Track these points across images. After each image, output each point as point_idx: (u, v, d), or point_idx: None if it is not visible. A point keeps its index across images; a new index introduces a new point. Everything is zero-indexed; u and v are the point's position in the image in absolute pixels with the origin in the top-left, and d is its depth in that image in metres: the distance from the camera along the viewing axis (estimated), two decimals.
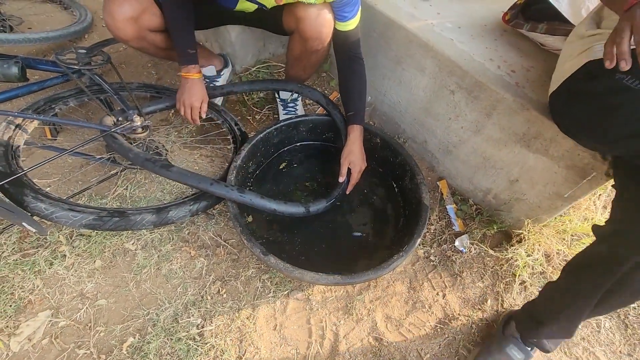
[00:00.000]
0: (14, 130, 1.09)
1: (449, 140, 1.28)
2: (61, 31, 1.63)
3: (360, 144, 1.17)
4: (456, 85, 1.14)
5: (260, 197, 1.01)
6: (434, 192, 1.36)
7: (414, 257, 1.19)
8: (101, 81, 1.21)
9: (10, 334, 0.91)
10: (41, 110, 1.18)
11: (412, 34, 1.19)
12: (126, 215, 0.96)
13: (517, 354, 0.93)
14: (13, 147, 1.05)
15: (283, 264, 0.89)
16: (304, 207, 1.06)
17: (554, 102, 0.89)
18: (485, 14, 1.31)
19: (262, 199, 1.01)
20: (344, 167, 1.15)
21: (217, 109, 1.38)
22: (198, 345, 0.94)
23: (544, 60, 1.12)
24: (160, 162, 1.01)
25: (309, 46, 1.11)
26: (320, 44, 1.11)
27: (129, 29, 1.07)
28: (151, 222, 0.98)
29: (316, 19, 1.04)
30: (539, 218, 1.13)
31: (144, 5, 1.07)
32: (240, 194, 0.99)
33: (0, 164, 0.97)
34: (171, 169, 1.00)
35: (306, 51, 1.14)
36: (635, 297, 0.74)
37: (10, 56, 1.21)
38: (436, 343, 1.02)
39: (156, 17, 1.12)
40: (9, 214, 0.83)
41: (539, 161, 1.04)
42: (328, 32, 1.08)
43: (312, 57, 1.17)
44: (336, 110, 1.26)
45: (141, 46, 1.16)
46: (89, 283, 1.01)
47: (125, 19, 1.05)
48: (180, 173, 1.00)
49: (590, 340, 1.07)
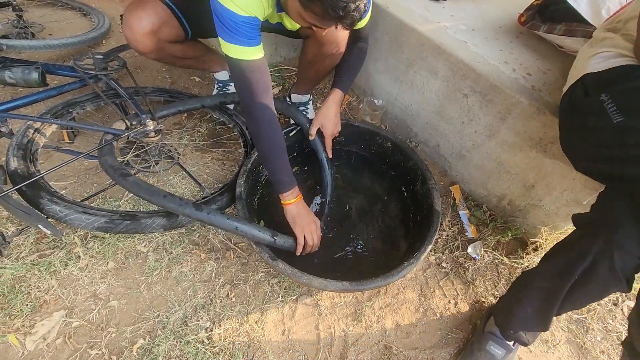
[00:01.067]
0: (32, 134, 1.13)
1: (462, 145, 1.25)
2: (80, 37, 1.68)
3: (336, 109, 1.17)
4: (470, 89, 1.11)
5: (221, 214, 0.92)
6: (446, 197, 1.33)
7: (425, 264, 1.16)
8: (116, 86, 1.23)
9: (26, 332, 0.93)
10: (59, 114, 1.22)
11: (424, 37, 1.18)
12: (137, 218, 0.97)
13: (498, 350, 0.91)
14: (32, 151, 1.08)
15: (291, 270, 0.89)
16: (271, 235, 0.94)
17: (560, 104, 0.87)
18: (501, 16, 1.29)
19: (221, 216, 0.91)
20: (314, 128, 1.15)
21: (229, 113, 1.39)
22: (206, 349, 0.94)
23: (562, 63, 1.09)
24: (120, 170, 0.98)
25: (325, 50, 1.11)
26: (336, 47, 1.11)
27: (148, 42, 1.09)
28: (161, 226, 0.99)
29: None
30: (556, 225, 1.10)
31: (162, 18, 1.09)
32: (195, 210, 0.90)
33: (19, 167, 1.00)
34: (127, 178, 0.96)
35: (321, 55, 1.14)
36: (603, 291, 0.74)
37: (31, 62, 1.25)
38: (447, 352, 1.00)
39: (174, 29, 1.14)
40: (26, 216, 0.86)
41: (556, 167, 1.00)
42: (344, 36, 1.09)
43: (326, 60, 1.16)
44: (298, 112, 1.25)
45: (160, 57, 1.19)
46: (101, 284, 1.03)
47: (145, 33, 1.07)
48: (135, 183, 0.95)
49: (611, 354, 1.03)
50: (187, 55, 1.25)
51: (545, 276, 0.81)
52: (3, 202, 0.85)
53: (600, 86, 0.72)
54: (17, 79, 1.21)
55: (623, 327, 1.08)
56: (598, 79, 0.74)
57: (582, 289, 0.74)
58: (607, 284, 0.70)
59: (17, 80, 1.21)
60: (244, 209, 1.00)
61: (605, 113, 0.67)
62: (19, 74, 1.20)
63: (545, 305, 0.81)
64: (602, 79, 0.73)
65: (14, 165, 1.00)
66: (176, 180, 1.27)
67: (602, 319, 1.09)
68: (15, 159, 1.01)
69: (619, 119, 0.65)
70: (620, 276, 0.67)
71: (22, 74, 1.21)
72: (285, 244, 0.98)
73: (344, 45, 1.13)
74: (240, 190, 1.04)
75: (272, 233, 0.95)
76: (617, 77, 0.71)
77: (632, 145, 0.64)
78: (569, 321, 1.08)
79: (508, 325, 0.91)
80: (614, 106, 0.67)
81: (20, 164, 1.01)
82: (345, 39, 1.11)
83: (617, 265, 0.66)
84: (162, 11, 1.10)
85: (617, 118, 0.66)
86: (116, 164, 1.01)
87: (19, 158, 1.03)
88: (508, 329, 0.91)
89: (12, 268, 1.01)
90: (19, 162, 1.01)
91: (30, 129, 1.13)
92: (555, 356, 1.01)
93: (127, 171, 0.99)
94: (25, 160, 1.03)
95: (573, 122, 0.79)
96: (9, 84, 1.17)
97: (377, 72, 1.47)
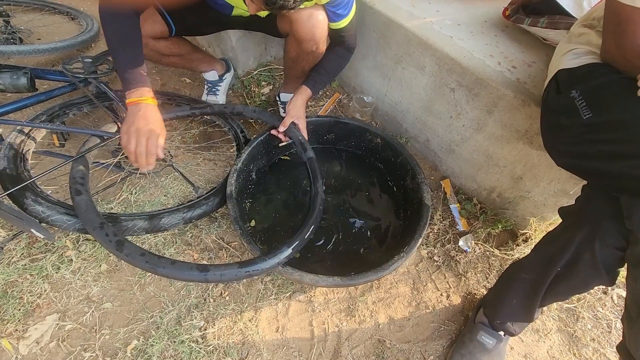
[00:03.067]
0: (23, 138, 1.12)
1: (451, 139, 1.26)
2: (68, 41, 1.67)
3: (304, 105, 1.19)
4: (456, 83, 1.12)
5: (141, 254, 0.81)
6: (437, 191, 1.34)
7: (417, 258, 1.17)
8: (106, 89, 1.23)
9: (19, 337, 0.93)
10: (49, 118, 1.21)
11: (411, 33, 1.18)
12: (119, 221, 0.97)
13: (488, 340, 0.92)
14: (22, 155, 1.08)
15: (283, 267, 0.89)
16: (199, 271, 0.80)
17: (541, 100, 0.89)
18: (486, 10, 1.30)
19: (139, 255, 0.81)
20: (288, 120, 1.16)
21: (224, 117, 1.39)
22: (201, 348, 0.94)
23: (546, 55, 1.10)
24: (76, 186, 0.94)
25: (304, 48, 1.12)
26: (315, 44, 1.11)
27: None
28: (143, 229, 0.99)
29: (308, 21, 1.04)
30: (545, 216, 1.11)
31: (146, 14, 1.09)
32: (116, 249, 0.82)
33: (10, 171, 1.00)
34: (77, 197, 0.92)
35: (302, 52, 1.15)
36: (586, 284, 0.74)
37: (19, 67, 1.24)
38: (440, 344, 1.01)
39: (158, 25, 1.14)
40: (18, 221, 0.86)
41: (542, 158, 1.01)
42: (321, 33, 1.08)
43: (308, 58, 1.17)
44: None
45: (145, 55, 1.18)
46: (94, 287, 1.03)
47: None
48: (79, 204, 0.89)
49: (601, 342, 1.04)
50: (172, 53, 1.25)
51: (529, 268, 0.82)
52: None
53: (571, 83, 0.73)
54: (5, 84, 1.20)
55: (613, 314, 1.10)
56: (570, 76, 0.75)
57: (564, 281, 0.75)
58: (589, 276, 0.71)
59: (5, 85, 1.20)
60: (235, 208, 1.00)
61: (576, 110, 0.68)
62: (7, 80, 1.20)
63: (529, 296, 0.82)
64: (573, 75, 0.75)
65: (4, 170, 1.00)
66: (168, 182, 1.27)
67: (592, 307, 1.11)
68: (5, 164, 1.01)
69: (588, 115, 0.66)
70: (602, 269, 0.68)
71: (10, 80, 1.20)
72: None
73: (323, 43, 1.13)
74: (230, 190, 1.05)
75: (204, 271, 0.81)
76: (588, 74, 0.72)
77: (601, 141, 0.65)
78: (559, 310, 1.09)
79: (495, 316, 0.92)
80: (583, 102, 0.68)
81: (11, 169, 1.01)
82: (323, 38, 1.11)
83: (598, 258, 0.67)
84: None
85: (586, 114, 0.67)
86: (78, 176, 0.98)
87: (10, 163, 1.02)
88: (495, 320, 0.92)
89: (3, 273, 1.01)
90: (10, 167, 1.01)
91: (20, 134, 1.12)
92: (547, 345, 1.03)
93: (82, 188, 0.95)
94: (15, 164, 1.03)
95: (549, 120, 0.81)
96: None
97: (365, 69, 1.47)
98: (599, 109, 0.66)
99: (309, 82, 1.19)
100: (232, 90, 1.65)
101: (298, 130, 1.16)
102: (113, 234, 0.84)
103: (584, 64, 0.74)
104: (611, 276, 0.70)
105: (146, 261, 0.79)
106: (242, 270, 0.82)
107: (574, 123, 0.70)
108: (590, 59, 0.75)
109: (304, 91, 1.19)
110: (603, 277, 0.70)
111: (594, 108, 0.67)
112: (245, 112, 1.26)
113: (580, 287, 0.76)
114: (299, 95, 1.18)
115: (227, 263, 0.84)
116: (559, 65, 0.80)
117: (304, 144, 1.12)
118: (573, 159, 0.74)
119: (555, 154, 0.80)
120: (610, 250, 0.67)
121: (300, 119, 1.18)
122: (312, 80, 1.20)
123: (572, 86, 0.72)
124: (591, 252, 0.68)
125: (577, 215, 0.75)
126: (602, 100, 0.67)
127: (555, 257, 0.74)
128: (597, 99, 0.67)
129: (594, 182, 0.73)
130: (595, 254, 0.68)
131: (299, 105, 1.18)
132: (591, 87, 0.69)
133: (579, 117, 0.68)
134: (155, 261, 0.80)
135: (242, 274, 0.82)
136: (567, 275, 0.74)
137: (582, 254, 0.70)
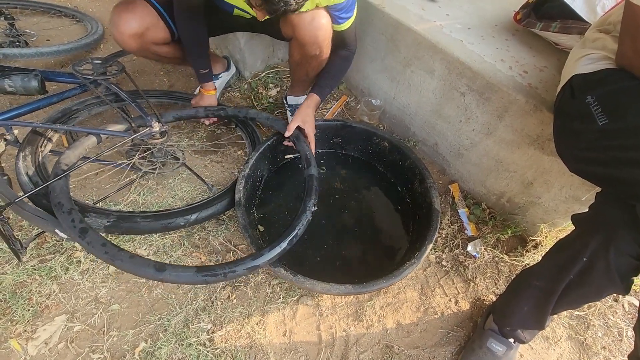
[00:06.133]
0: (38, 140, 1.12)
1: (460, 143, 1.25)
2: (73, 44, 1.68)
3: (312, 112, 1.20)
4: (467, 87, 1.12)
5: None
6: (445, 195, 1.33)
7: (426, 263, 1.16)
8: (118, 90, 1.24)
9: (28, 338, 0.94)
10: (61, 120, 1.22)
11: (420, 36, 1.18)
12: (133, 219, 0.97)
13: (498, 347, 0.91)
14: (39, 157, 1.08)
15: (294, 276, 0.89)
16: (155, 269, 0.78)
17: (554, 105, 0.88)
18: (496, 14, 1.29)
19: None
20: (294, 124, 1.15)
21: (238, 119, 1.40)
22: (208, 351, 0.94)
23: (558, 60, 1.09)
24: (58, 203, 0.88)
25: (307, 51, 1.11)
26: (318, 48, 1.10)
27: (134, 43, 1.12)
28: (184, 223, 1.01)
29: (310, 24, 1.03)
30: (556, 222, 1.10)
31: (149, 22, 1.11)
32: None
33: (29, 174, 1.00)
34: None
35: (306, 56, 1.14)
36: (599, 292, 0.73)
37: (30, 70, 1.25)
38: (448, 351, 1.00)
39: (161, 32, 1.16)
40: (42, 222, 0.87)
41: (554, 164, 1.00)
42: (324, 36, 1.08)
43: (312, 61, 1.16)
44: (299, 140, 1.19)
45: (144, 56, 1.22)
46: (102, 288, 1.03)
47: (130, 35, 1.10)
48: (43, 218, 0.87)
49: (612, 350, 1.02)
50: (173, 56, 1.28)
51: (541, 275, 0.81)
52: (18, 209, 0.86)
53: (586, 88, 0.72)
54: (16, 87, 1.21)
55: (624, 322, 1.08)
56: (585, 81, 0.74)
57: (577, 289, 0.74)
58: (602, 284, 0.70)
59: (16, 88, 1.21)
60: (244, 215, 1.00)
61: (591, 115, 0.67)
62: (18, 82, 1.21)
63: (541, 304, 0.81)
64: (588, 80, 0.73)
65: (25, 172, 1.00)
66: (176, 183, 1.28)
67: (603, 315, 1.09)
68: (24, 166, 1.01)
69: (604, 121, 0.65)
70: (616, 277, 0.67)
71: (21, 82, 1.21)
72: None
73: (327, 46, 1.12)
74: (239, 196, 1.04)
75: (160, 268, 0.79)
76: (603, 79, 0.71)
77: (616, 147, 0.64)
78: (569, 318, 1.08)
79: (505, 323, 0.91)
80: (599, 108, 0.67)
81: (30, 171, 1.01)
82: (326, 41, 1.10)
83: (612, 266, 0.66)
84: (149, 14, 1.11)
85: (602, 120, 0.66)
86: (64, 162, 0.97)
87: (29, 165, 1.02)
88: (505, 327, 0.91)
89: (13, 274, 1.01)
90: (29, 169, 1.01)
91: (36, 135, 1.12)
92: (557, 353, 1.01)
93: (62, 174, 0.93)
94: (34, 166, 1.03)
95: (563, 125, 0.80)
96: (9, 92, 1.17)
97: (374, 72, 1.47)
98: (615, 115, 0.65)
99: (316, 89, 1.20)
100: (240, 92, 1.65)
101: (305, 140, 1.15)
102: (79, 221, 0.82)
103: (600, 69, 0.73)
104: (625, 285, 0.69)
105: (105, 252, 0.78)
106: (199, 275, 0.79)
107: (588, 129, 0.69)
108: (606, 64, 0.74)
109: (312, 98, 1.19)
110: (617, 285, 0.68)
111: (610, 114, 0.66)
112: (258, 118, 1.26)
113: (593, 296, 0.75)
114: (307, 102, 1.19)
115: (186, 266, 0.82)
116: (573, 70, 0.79)
117: (309, 160, 1.09)
118: (587, 165, 0.73)
119: (568, 159, 0.79)
120: (625, 259, 0.65)
121: (307, 123, 1.17)
122: (319, 87, 1.20)
123: (587, 91, 0.71)
124: (605, 260, 0.67)
125: (591, 222, 0.74)
126: (619, 106, 0.66)
127: (568, 264, 0.73)
128: (613, 104, 0.66)
129: (608, 189, 0.72)
130: (609, 262, 0.66)
131: (307, 112, 1.18)
132: (607, 92, 0.68)
133: (594, 122, 0.67)
134: (114, 253, 0.78)
135: (198, 278, 0.79)
136: (580, 283, 0.73)
137: (596, 261, 0.69)
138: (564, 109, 0.79)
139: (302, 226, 0.93)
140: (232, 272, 0.82)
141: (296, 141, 1.15)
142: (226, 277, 0.81)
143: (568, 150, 0.78)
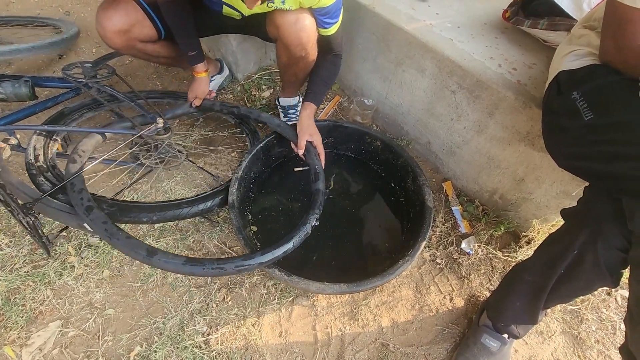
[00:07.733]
0: (45, 142, 1.10)
1: (452, 141, 1.26)
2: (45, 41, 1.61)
3: (310, 120, 1.19)
4: (457, 86, 1.12)
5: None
6: (438, 193, 1.34)
7: (420, 260, 1.17)
8: (114, 91, 1.23)
9: (22, 344, 0.93)
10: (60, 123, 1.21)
11: (411, 36, 1.19)
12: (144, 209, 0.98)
13: (492, 343, 0.92)
14: (49, 159, 1.07)
15: (288, 276, 0.89)
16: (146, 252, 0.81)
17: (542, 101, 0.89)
18: (485, 12, 1.30)
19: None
20: (303, 140, 1.15)
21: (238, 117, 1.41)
22: (204, 353, 0.94)
23: (547, 57, 1.10)
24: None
25: (293, 53, 1.10)
26: (303, 49, 1.09)
27: (118, 39, 1.11)
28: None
29: (294, 25, 1.03)
30: (547, 218, 1.11)
31: (134, 18, 1.10)
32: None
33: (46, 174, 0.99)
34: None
35: (292, 57, 1.13)
36: (589, 285, 0.74)
37: (19, 76, 1.25)
38: (444, 348, 1.00)
39: (147, 30, 1.15)
40: (69, 217, 0.87)
41: (544, 159, 1.01)
42: (308, 37, 1.06)
43: (299, 63, 1.15)
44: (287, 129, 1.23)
45: (131, 53, 1.21)
46: (97, 293, 1.03)
47: (115, 32, 1.08)
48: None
49: (606, 343, 1.03)
50: (160, 54, 1.26)
51: (532, 270, 0.82)
52: (43, 207, 0.87)
53: (572, 84, 0.72)
54: (7, 93, 1.21)
55: (617, 316, 1.09)
56: (570, 77, 0.75)
57: (567, 283, 0.74)
58: (592, 278, 0.71)
59: (7, 95, 1.21)
60: (237, 217, 1.00)
61: (577, 111, 0.68)
62: (9, 89, 1.21)
63: (532, 298, 0.82)
64: (574, 76, 0.74)
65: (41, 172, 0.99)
66: (186, 175, 1.30)
67: (596, 309, 1.10)
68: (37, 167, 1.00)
69: (590, 116, 0.66)
70: (605, 270, 0.68)
71: (12, 88, 1.21)
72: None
73: (312, 48, 1.11)
74: (232, 199, 1.04)
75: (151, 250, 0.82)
76: (588, 75, 0.71)
77: (602, 142, 0.64)
78: (563, 312, 1.09)
79: (499, 318, 0.92)
80: (584, 103, 0.68)
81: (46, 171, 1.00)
82: (311, 42, 1.09)
83: (601, 260, 0.67)
84: (135, 11, 1.10)
85: (588, 115, 0.67)
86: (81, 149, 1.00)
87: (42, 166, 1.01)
88: (499, 323, 0.92)
89: (6, 280, 1.01)
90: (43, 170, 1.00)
91: (40, 137, 1.10)
92: (551, 347, 1.02)
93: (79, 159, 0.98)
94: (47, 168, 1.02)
95: (550, 121, 0.81)
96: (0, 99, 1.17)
97: (366, 72, 1.48)
98: (600, 110, 0.66)
99: (309, 97, 1.19)
100: (233, 94, 1.65)
101: (316, 152, 1.15)
102: (87, 199, 0.87)
103: (585, 65, 0.74)
104: (614, 278, 0.69)
105: (105, 229, 0.83)
106: (187, 265, 0.81)
107: (575, 124, 0.70)
108: (591, 60, 0.75)
109: (308, 107, 1.18)
110: (606, 278, 0.69)
111: (595, 109, 0.66)
112: (270, 123, 1.25)
113: (583, 289, 0.76)
114: (304, 112, 1.17)
115: (177, 254, 0.83)
116: (559, 66, 0.80)
117: (318, 174, 1.09)
118: (575, 160, 0.73)
119: (556, 155, 0.80)
120: (613, 252, 0.66)
121: (314, 135, 1.17)
122: (312, 94, 1.19)
123: (573, 87, 0.72)
124: (594, 254, 0.68)
125: (579, 216, 0.75)
126: (603, 102, 0.67)
127: (557, 259, 0.74)
128: (598, 100, 0.67)
129: (595, 183, 0.73)
130: (597, 256, 0.67)
131: (308, 123, 1.17)
132: (592, 88, 0.69)
133: (581, 118, 0.68)
134: (113, 231, 0.82)
135: (186, 268, 0.81)
136: (570, 277, 0.74)
137: (585, 255, 0.69)
138: (551, 105, 0.80)
139: (299, 239, 0.93)
140: (220, 269, 0.82)
141: (307, 154, 1.15)
142: (214, 272, 0.82)
143: (556, 146, 0.79)
